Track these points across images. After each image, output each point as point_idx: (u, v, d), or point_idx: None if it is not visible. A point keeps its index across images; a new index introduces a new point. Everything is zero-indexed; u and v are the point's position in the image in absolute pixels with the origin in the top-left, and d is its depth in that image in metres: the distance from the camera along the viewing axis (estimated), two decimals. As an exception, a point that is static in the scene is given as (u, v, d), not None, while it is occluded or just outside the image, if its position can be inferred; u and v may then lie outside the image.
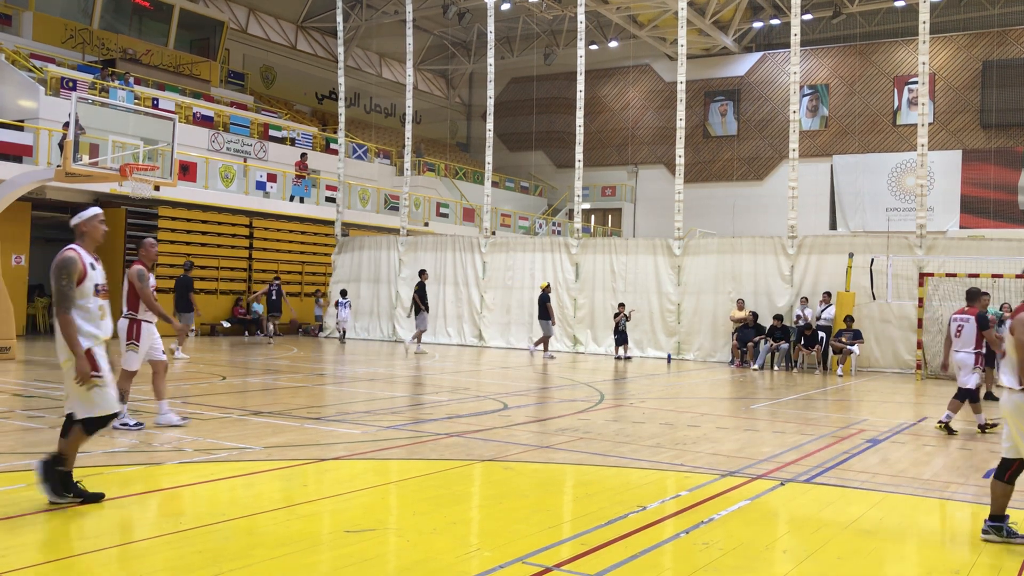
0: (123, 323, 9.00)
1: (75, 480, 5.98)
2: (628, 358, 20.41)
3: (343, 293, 24.32)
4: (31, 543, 5.26)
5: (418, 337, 21.09)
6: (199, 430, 9.06)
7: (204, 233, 25.11)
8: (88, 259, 5.94)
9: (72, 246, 5.96)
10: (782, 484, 7.22)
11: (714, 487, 7.04)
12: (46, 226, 24.33)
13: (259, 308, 26.03)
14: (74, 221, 6.10)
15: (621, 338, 20.65)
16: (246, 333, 25.57)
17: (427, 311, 21.09)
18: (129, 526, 5.65)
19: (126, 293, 9.07)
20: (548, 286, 21.04)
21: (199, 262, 24.91)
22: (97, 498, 5.98)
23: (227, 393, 12.53)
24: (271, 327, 23.22)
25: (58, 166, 16.81)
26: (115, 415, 6.15)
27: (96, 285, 5.95)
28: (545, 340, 20.32)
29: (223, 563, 4.80)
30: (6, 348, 16.03)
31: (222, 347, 21.21)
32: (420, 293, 20.84)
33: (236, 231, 26.00)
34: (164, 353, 9.30)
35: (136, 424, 8.88)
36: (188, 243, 24.64)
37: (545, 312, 20.36)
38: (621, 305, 20.89)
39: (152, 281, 9.20)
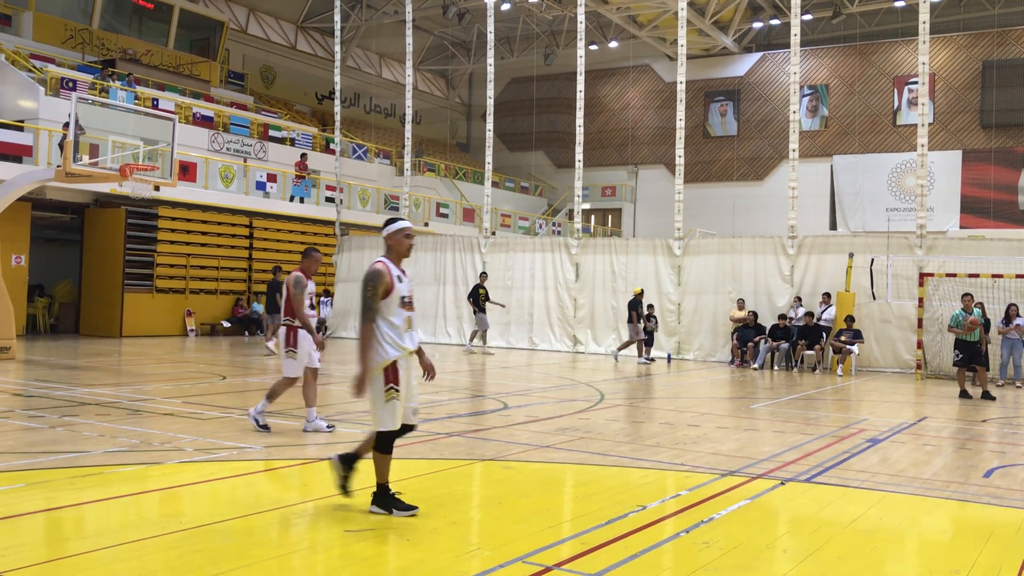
0: (281, 330, 9.00)
1: (393, 492, 5.90)
2: (652, 360, 20.25)
3: (326, 292, 24.65)
4: (31, 543, 5.26)
5: (477, 337, 21.03)
6: (199, 430, 9.06)
7: (204, 233, 25.11)
8: (395, 272, 5.93)
9: (381, 259, 5.97)
10: (782, 484, 7.22)
11: (714, 487, 7.04)
12: (46, 226, 24.35)
13: (259, 308, 26.03)
14: (383, 233, 6.11)
15: (647, 339, 20.52)
16: (246, 333, 25.57)
17: (483, 312, 20.94)
18: (129, 526, 5.64)
19: (284, 300, 9.02)
20: (642, 292, 20.23)
21: (199, 262, 24.93)
22: (411, 509, 5.85)
23: (227, 393, 12.53)
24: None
25: (58, 166, 16.81)
26: (411, 428, 5.96)
27: (403, 298, 5.92)
28: (628, 344, 20.07)
29: (223, 563, 4.80)
30: (6, 348, 16.03)
31: (222, 347, 21.21)
32: (474, 295, 20.95)
33: (236, 231, 26.00)
34: (320, 361, 9.21)
35: (264, 426, 8.91)
36: (188, 243, 24.65)
37: (631, 317, 19.89)
38: (650, 307, 20.68)
39: (311, 288, 9.03)
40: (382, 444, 5.88)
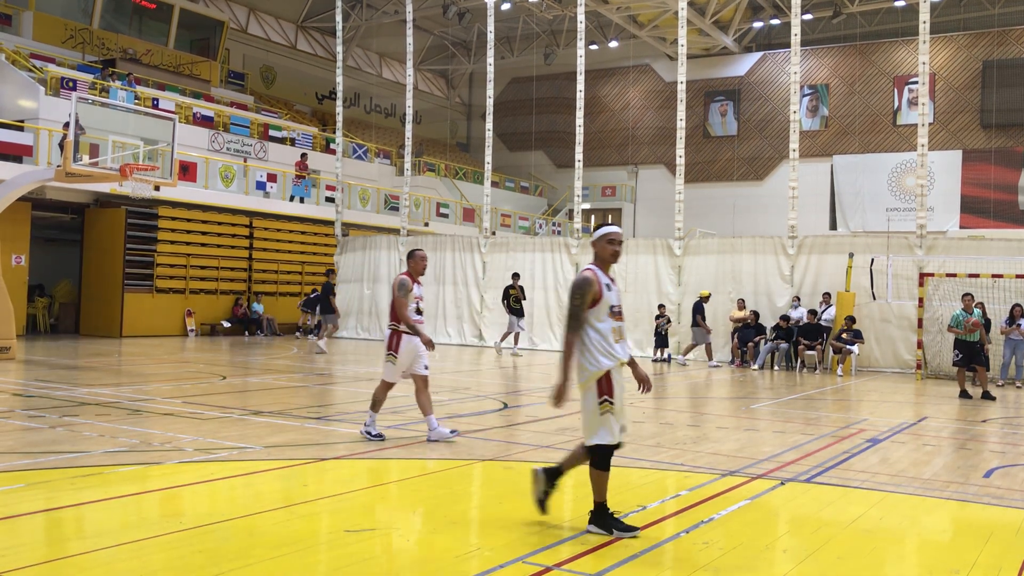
0: (386, 333, 8.82)
1: (611, 511, 5.63)
2: (667, 360, 20.22)
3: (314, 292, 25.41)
4: (31, 543, 5.26)
5: (508, 338, 20.91)
6: (199, 430, 9.06)
7: (204, 233, 25.11)
8: (604, 280, 5.63)
9: (590, 266, 5.70)
10: (782, 484, 7.22)
11: (714, 487, 7.04)
12: (46, 226, 24.35)
13: (259, 308, 26.05)
14: (592, 239, 5.83)
15: (661, 340, 20.47)
16: (246, 333, 25.57)
17: (516, 315, 20.78)
18: (129, 526, 5.65)
19: (390, 304, 8.82)
20: (708, 296, 20.01)
21: (199, 262, 24.94)
22: (632, 531, 5.55)
23: (227, 393, 12.53)
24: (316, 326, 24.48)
25: (58, 166, 16.81)
26: (618, 445, 5.62)
27: (612, 307, 5.63)
28: (693, 347, 19.96)
29: (223, 563, 4.80)
30: (6, 348, 16.03)
31: (222, 347, 21.22)
32: (505, 296, 20.96)
33: (236, 231, 26.00)
34: (427, 368, 8.77)
35: (378, 435, 8.69)
36: (188, 243, 24.65)
37: (696, 321, 19.73)
38: (661, 307, 20.64)
39: (418, 291, 8.71)
40: (599, 460, 5.55)
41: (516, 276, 21.18)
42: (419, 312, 8.74)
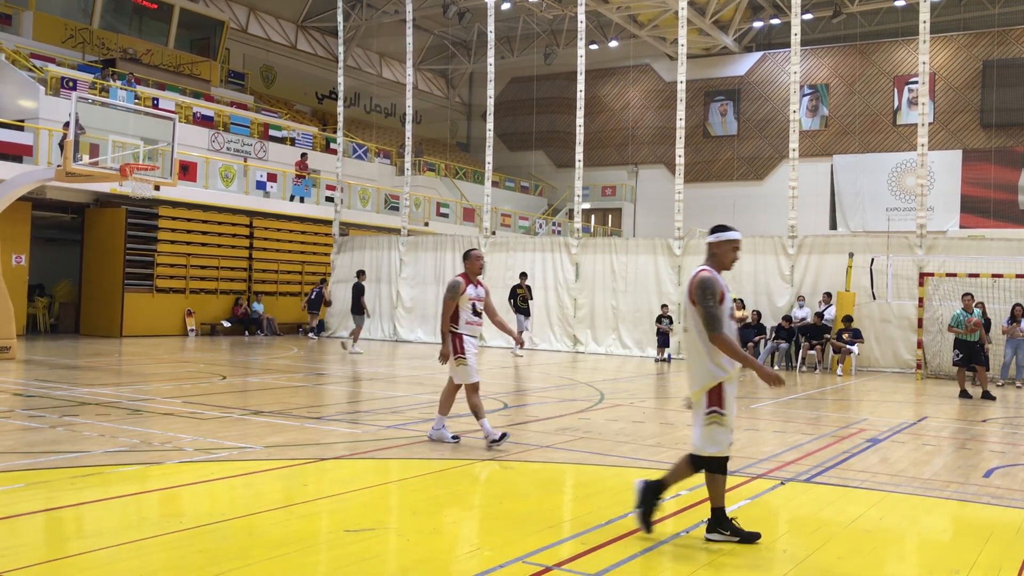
0: (450, 337, 8.52)
1: (730, 517, 5.52)
2: (668, 360, 20.19)
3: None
4: (31, 543, 5.26)
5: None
6: (199, 430, 9.06)
7: (204, 233, 25.10)
8: (722, 282, 5.49)
9: (705, 267, 5.51)
10: (782, 483, 7.22)
11: (714, 487, 7.03)
12: (46, 226, 24.35)
13: (259, 308, 26.06)
14: (710, 238, 5.62)
15: (662, 340, 20.44)
16: (246, 333, 25.58)
17: (523, 315, 20.73)
18: (129, 526, 5.65)
19: (444, 306, 8.62)
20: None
21: (199, 262, 24.93)
22: (753, 538, 5.43)
23: (227, 393, 12.53)
24: (315, 324, 25.86)
25: (58, 166, 16.81)
26: (727, 459, 5.52)
27: (730, 311, 5.52)
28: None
29: (223, 563, 4.80)
30: (6, 348, 16.03)
31: (222, 347, 21.22)
32: (512, 296, 20.88)
33: (236, 231, 25.99)
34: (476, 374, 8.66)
35: (454, 437, 8.59)
36: (188, 243, 24.65)
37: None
38: (664, 306, 20.58)
39: (474, 292, 8.49)
40: (713, 467, 5.45)
41: (524, 276, 21.10)
42: (476, 313, 8.56)
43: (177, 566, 4.77)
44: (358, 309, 20.76)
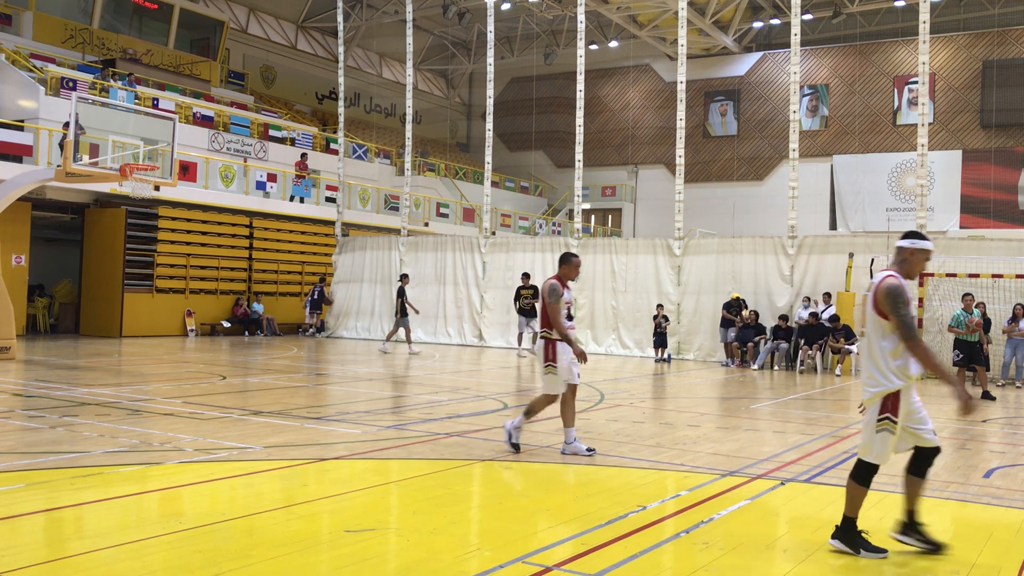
0: (539, 343, 8.25)
1: (918, 523, 5.46)
2: (667, 360, 20.19)
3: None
4: (31, 543, 5.26)
5: (521, 340, 20.81)
6: (199, 430, 9.06)
7: (204, 233, 25.10)
8: (909, 291, 5.31)
9: (892, 272, 5.31)
10: (782, 484, 7.22)
11: (714, 487, 7.04)
12: (46, 226, 24.36)
13: (259, 308, 26.06)
14: (902, 243, 5.42)
15: (660, 340, 20.40)
16: (246, 333, 25.58)
17: (524, 315, 20.52)
18: (129, 526, 5.65)
19: (540, 310, 8.27)
20: (738, 299, 19.91)
21: (199, 262, 24.94)
22: (937, 548, 5.36)
23: (227, 393, 12.53)
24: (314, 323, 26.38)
25: (58, 166, 16.82)
26: (936, 450, 5.45)
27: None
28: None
29: (223, 563, 4.80)
30: (6, 348, 16.03)
31: (222, 347, 21.22)
32: (516, 297, 20.82)
33: (236, 231, 25.99)
34: (579, 376, 8.36)
35: (589, 450, 8.20)
36: (188, 243, 24.65)
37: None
38: (659, 307, 20.60)
39: (568, 296, 8.21)
40: (861, 474, 5.38)
41: (527, 276, 21.05)
42: (570, 317, 8.33)
43: (177, 566, 4.77)
44: (403, 312, 20.91)
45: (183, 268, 24.50)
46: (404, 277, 21.53)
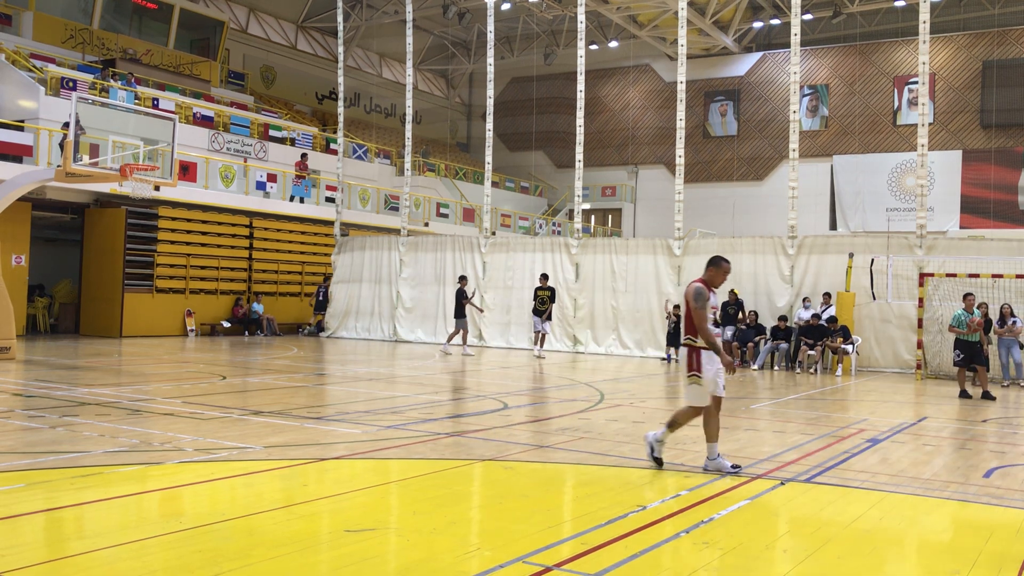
0: (683, 351, 7.74)
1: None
2: (670, 359, 20.12)
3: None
4: (31, 543, 5.26)
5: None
6: (199, 430, 9.06)
7: (204, 233, 25.10)
8: None
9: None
10: (782, 484, 7.22)
11: (714, 487, 7.04)
12: (46, 226, 24.36)
13: (259, 308, 26.06)
14: None
15: (673, 339, 20.17)
16: (246, 333, 25.58)
17: (540, 316, 20.46)
18: (129, 526, 5.65)
19: (684, 315, 7.71)
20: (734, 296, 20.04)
21: (199, 262, 24.94)
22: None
23: (227, 393, 12.53)
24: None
25: (58, 166, 16.82)
26: None
27: None
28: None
29: (223, 563, 4.80)
30: (6, 348, 16.03)
31: (222, 347, 21.22)
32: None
33: (236, 231, 25.99)
34: (724, 389, 7.69)
35: (734, 467, 7.57)
36: (188, 243, 24.65)
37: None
38: (676, 307, 20.30)
39: (715, 301, 7.67)
40: None
41: (545, 277, 20.89)
42: (716, 324, 7.82)
43: (177, 566, 4.77)
44: (461, 313, 20.87)
45: (183, 268, 24.50)
46: (463, 279, 21.40)
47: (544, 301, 20.56)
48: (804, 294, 19.57)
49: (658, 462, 7.69)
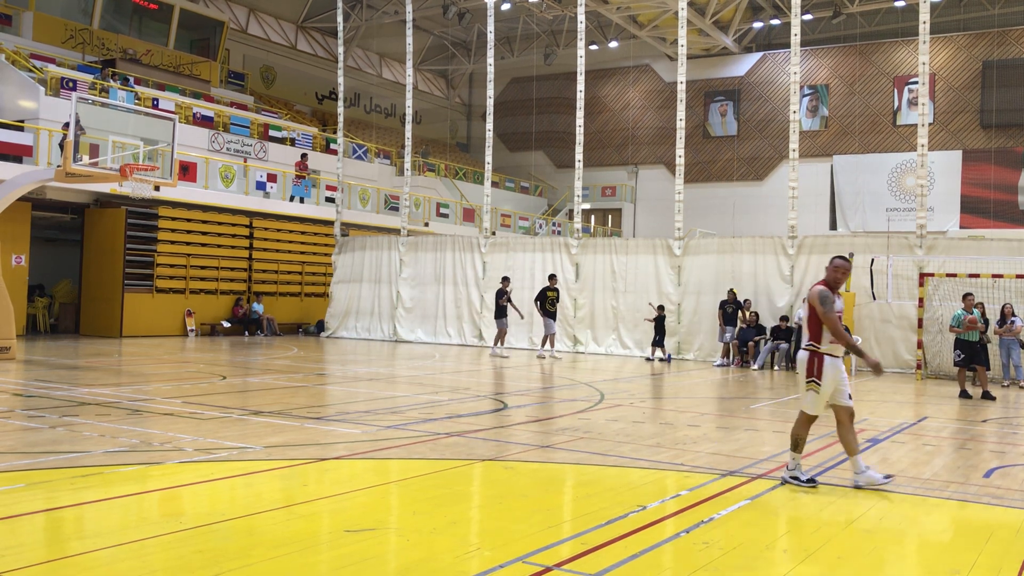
0: (802, 356, 7.26)
1: None
2: (667, 359, 20.13)
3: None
4: (31, 543, 5.26)
5: (546, 342, 20.48)
6: (199, 430, 9.06)
7: (204, 233, 25.10)
8: None
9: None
10: (782, 484, 7.22)
11: (714, 487, 7.04)
12: (46, 226, 24.36)
13: (259, 308, 26.06)
14: None
15: (656, 339, 20.28)
16: (246, 333, 25.58)
17: (552, 318, 20.39)
18: (129, 526, 5.65)
19: (806, 319, 7.29)
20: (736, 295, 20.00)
21: (199, 262, 24.94)
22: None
23: (227, 393, 12.53)
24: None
25: (58, 166, 16.81)
26: None
27: None
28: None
29: (223, 563, 4.80)
30: (6, 348, 16.03)
31: (222, 347, 21.22)
32: (541, 298, 20.48)
33: (236, 231, 25.99)
34: (851, 397, 7.29)
35: (809, 480, 7.20)
36: (188, 243, 24.65)
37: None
38: (660, 307, 20.47)
39: (839, 305, 7.22)
40: None
41: (553, 277, 20.77)
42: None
43: (177, 566, 4.77)
44: (499, 313, 20.76)
45: (183, 268, 24.50)
46: (505, 280, 21.18)
47: (554, 302, 20.48)
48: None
49: (811, 482, 7.17)
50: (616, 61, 42.35)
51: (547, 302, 20.39)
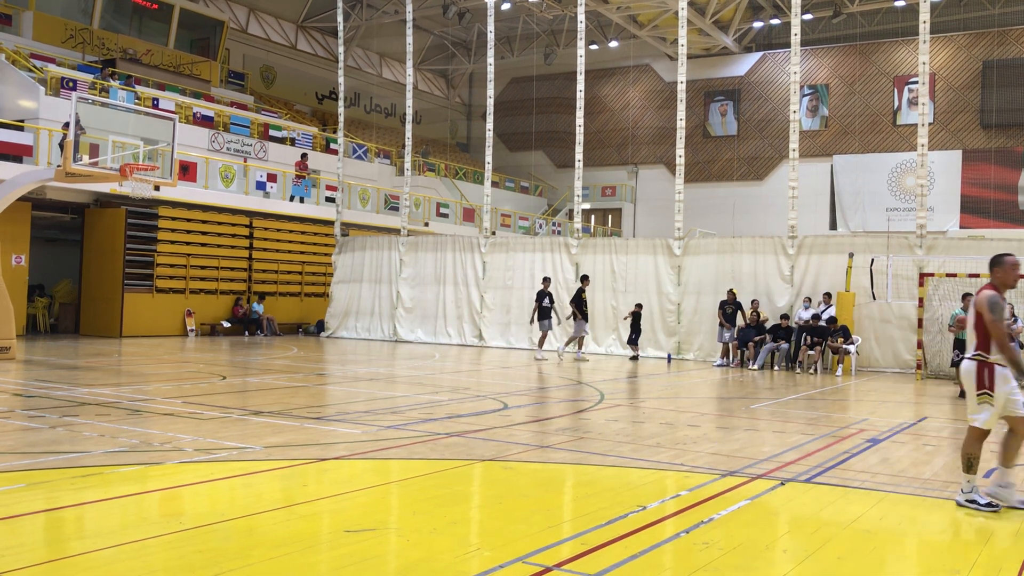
0: (969, 366, 6.71)
1: None
2: (631, 357, 20.30)
3: None
4: (31, 543, 5.26)
5: (573, 343, 20.42)
6: (199, 430, 9.06)
7: (204, 233, 25.10)
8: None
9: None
10: (782, 484, 7.22)
11: (714, 487, 7.04)
12: (46, 226, 24.36)
13: (259, 308, 26.06)
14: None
15: (635, 334, 20.43)
16: (246, 333, 25.58)
17: (585, 319, 20.31)
18: (129, 526, 5.65)
19: (972, 325, 6.74)
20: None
21: (199, 262, 24.94)
22: None
23: (227, 393, 12.53)
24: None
25: (58, 166, 16.81)
26: None
27: None
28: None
29: (223, 563, 4.80)
30: (6, 348, 16.03)
31: (222, 347, 21.22)
32: (577, 300, 20.36)
33: (236, 231, 25.99)
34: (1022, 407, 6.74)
35: (988, 504, 6.56)
36: (188, 243, 24.65)
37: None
38: (638, 305, 20.58)
39: (1006, 310, 6.76)
40: None
41: (586, 279, 20.63)
42: (1010, 338, 6.81)
43: (177, 566, 4.77)
44: (543, 315, 20.24)
45: (183, 268, 24.50)
46: (546, 280, 20.95)
47: (585, 303, 20.40)
48: (804, 294, 19.57)
49: (992, 507, 6.55)
50: (616, 61, 42.35)
51: (584, 304, 20.34)
